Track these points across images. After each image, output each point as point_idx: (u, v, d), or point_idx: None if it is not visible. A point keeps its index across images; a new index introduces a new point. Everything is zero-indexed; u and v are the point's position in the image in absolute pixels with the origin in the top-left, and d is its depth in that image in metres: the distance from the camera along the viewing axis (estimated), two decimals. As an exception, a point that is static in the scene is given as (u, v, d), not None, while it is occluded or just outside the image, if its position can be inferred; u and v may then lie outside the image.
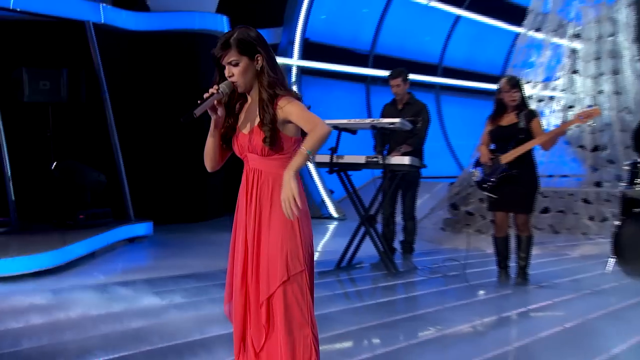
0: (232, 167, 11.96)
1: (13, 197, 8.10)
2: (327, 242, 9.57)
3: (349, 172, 7.07)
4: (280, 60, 12.25)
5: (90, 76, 9.12)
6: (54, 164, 8.56)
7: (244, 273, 3.08)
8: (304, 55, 12.28)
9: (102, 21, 9.47)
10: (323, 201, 11.95)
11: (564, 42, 10.20)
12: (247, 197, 3.09)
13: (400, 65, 7.86)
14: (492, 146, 6.40)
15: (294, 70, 12.27)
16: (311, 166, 12.16)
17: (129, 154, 9.42)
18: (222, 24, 10.93)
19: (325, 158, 6.87)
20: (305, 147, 2.94)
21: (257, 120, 3.03)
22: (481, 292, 6.24)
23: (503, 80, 6.47)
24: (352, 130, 6.95)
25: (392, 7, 13.52)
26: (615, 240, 7.09)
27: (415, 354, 4.31)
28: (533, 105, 8.85)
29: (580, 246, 8.44)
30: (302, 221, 3.06)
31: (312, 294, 3.13)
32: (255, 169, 3.06)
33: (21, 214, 8.26)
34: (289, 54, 12.25)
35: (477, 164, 6.48)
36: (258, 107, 3.03)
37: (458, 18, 14.38)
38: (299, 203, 2.87)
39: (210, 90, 2.98)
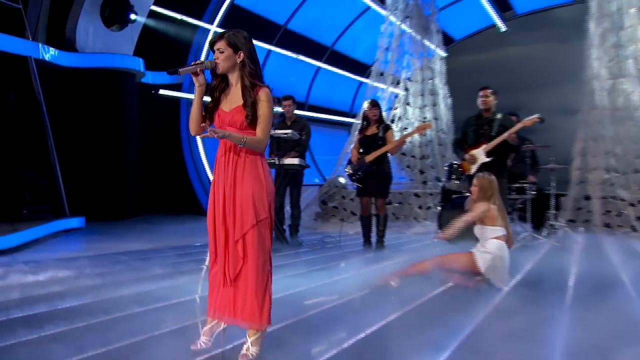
0: (146, 177, 11.70)
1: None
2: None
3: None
4: (183, 95, 12.22)
5: (31, 99, 8.77)
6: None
7: (224, 219, 3.07)
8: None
9: (41, 57, 9.14)
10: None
11: (400, 87, 10.51)
12: (225, 160, 3.08)
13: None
14: (361, 150, 6.69)
15: (195, 104, 12.15)
16: (210, 175, 12.12)
17: (64, 162, 9.11)
18: (138, 64, 10.80)
19: None
20: (247, 139, 2.98)
21: (240, 102, 3.04)
22: (352, 255, 6.49)
23: (367, 102, 6.77)
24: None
25: (270, 58, 13.65)
26: (439, 219, 7.65)
27: (314, 292, 4.50)
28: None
29: (414, 227, 8.92)
30: (267, 179, 3.09)
31: (272, 236, 3.16)
32: None
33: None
34: (192, 91, 12.08)
35: (349, 162, 6.74)
36: (241, 91, 3.05)
37: (319, 69, 14.76)
38: (213, 135, 2.92)
39: (197, 61, 3.06)
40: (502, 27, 14.03)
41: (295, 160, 6.84)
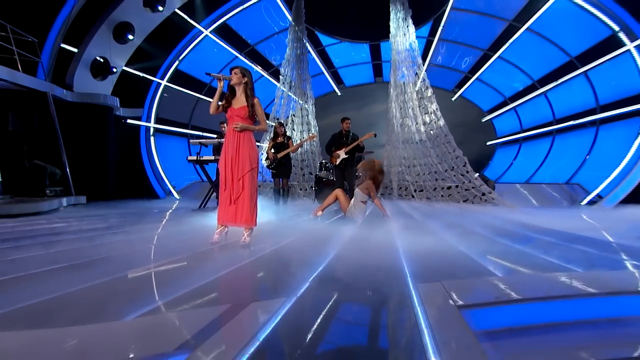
0: (119, 174, 11.47)
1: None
2: (183, 204, 8.72)
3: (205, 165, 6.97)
4: (142, 123, 11.81)
5: (49, 120, 8.31)
6: (28, 164, 7.66)
7: (232, 167, 3.32)
8: (156, 122, 11.82)
9: (54, 93, 8.63)
10: (170, 191, 11.53)
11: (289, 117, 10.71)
12: (232, 135, 3.36)
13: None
14: (273, 151, 6.96)
15: (152, 130, 11.58)
16: (163, 173, 11.87)
17: (71, 161, 8.67)
18: (115, 101, 10.42)
19: (193, 158, 6.61)
20: (257, 127, 3.37)
21: (244, 103, 3.42)
22: (270, 210, 6.55)
23: (276, 123, 7.08)
24: (206, 145, 6.78)
25: (198, 103, 12.96)
26: (315, 195, 8.31)
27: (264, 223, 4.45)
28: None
29: (299, 201, 9.11)
30: (255, 146, 3.46)
31: (257, 179, 3.41)
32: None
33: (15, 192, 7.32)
34: (149, 121, 11.60)
35: (267, 158, 7.00)
36: (245, 97, 3.43)
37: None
38: (240, 127, 3.19)
39: (221, 74, 3.41)
40: (339, 93, 14.32)
41: None
